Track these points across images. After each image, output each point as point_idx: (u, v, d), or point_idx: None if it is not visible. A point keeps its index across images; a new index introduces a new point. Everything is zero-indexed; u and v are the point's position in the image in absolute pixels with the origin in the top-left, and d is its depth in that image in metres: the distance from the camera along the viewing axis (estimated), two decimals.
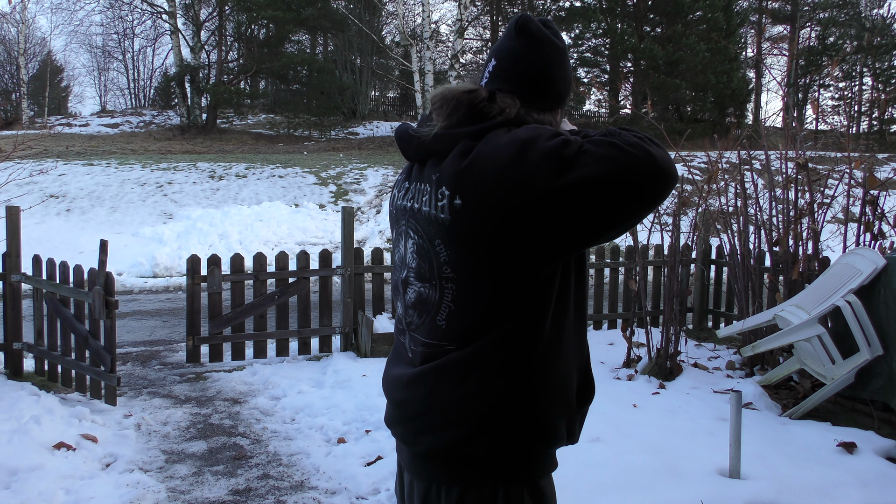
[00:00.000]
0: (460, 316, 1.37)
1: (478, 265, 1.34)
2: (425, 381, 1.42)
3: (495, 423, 1.36)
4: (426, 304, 1.42)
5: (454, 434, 1.37)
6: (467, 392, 1.36)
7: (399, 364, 1.54)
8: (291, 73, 27.96)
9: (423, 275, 1.43)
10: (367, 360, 5.79)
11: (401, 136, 1.52)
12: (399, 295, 1.52)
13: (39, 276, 5.33)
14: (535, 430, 1.38)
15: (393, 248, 1.58)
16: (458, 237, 1.35)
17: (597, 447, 3.68)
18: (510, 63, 1.45)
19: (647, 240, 5.91)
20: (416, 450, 1.44)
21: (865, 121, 29.82)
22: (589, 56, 29.08)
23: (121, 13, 34.20)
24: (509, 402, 1.36)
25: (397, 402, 1.49)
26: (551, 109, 1.48)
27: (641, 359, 5.44)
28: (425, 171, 1.45)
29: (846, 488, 3.28)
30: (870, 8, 32.89)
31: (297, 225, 13.63)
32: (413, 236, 1.46)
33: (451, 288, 1.37)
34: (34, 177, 13.40)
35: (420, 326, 1.44)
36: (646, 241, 5.99)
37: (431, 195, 1.40)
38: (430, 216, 1.40)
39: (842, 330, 4.40)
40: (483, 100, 1.41)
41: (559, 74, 1.47)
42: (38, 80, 33.93)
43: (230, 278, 5.93)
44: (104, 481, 3.61)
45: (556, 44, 1.46)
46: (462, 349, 1.37)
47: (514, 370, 1.36)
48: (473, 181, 1.32)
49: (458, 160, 1.35)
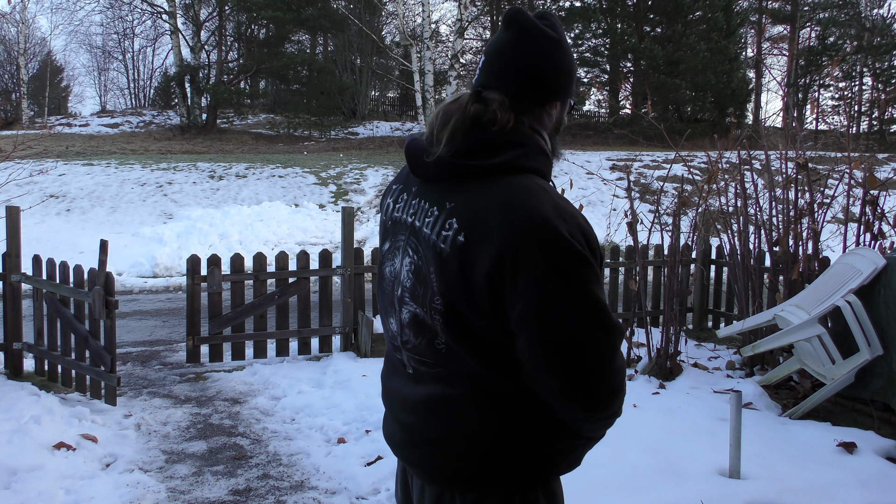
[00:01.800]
0: (455, 343, 1.35)
1: (462, 305, 1.32)
2: (436, 408, 1.39)
3: (511, 442, 1.36)
4: (423, 326, 1.39)
5: (468, 460, 1.37)
6: (482, 419, 1.35)
7: (398, 377, 1.51)
8: (291, 73, 27.94)
9: (417, 297, 1.39)
10: (367, 360, 5.79)
11: (412, 153, 1.44)
12: (393, 312, 1.46)
13: (39, 276, 5.33)
14: (551, 442, 1.38)
15: (384, 259, 1.52)
16: (448, 272, 1.33)
17: (597, 447, 3.66)
18: (497, 57, 1.43)
19: (647, 240, 5.91)
20: (427, 472, 1.42)
21: (865, 121, 29.83)
22: (589, 56, 29.07)
23: (121, 13, 34.20)
24: (523, 426, 1.36)
25: (405, 426, 1.46)
26: (546, 103, 1.44)
27: (641, 359, 5.43)
28: (434, 192, 1.40)
29: (846, 488, 3.28)
30: (870, 8, 32.90)
31: (297, 225, 13.63)
32: (411, 255, 1.42)
33: (439, 320, 1.35)
34: (34, 177, 13.39)
35: (417, 347, 1.41)
36: (646, 241, 5.98)
37: (438, 221, 1.36)
38: (430, 241, 1.37)
39: (842, 330, 4.40)
40: (474, 115, 1.37)
41: (554, 66, 1.42)
42: (38, 80, 33.92)
43: (230, 278, 5.93)
44: (104, 481, 3.61)
45: (548, 34, 1.41)
46: (467, 373, 1.36)
47: (521, 397, 1.35)
48: (484, 228, 1.29)
49: (475, 199, 1.33)
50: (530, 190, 1.31)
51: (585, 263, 1.26)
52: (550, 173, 1.44)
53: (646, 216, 8.63)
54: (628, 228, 5.47)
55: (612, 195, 14.00)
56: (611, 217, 10.20)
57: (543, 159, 1.41)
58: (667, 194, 12.83)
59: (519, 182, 1.32)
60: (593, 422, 1.35)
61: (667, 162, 17.70)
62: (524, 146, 1.37)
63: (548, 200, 1.30)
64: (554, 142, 1.48)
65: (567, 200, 1.35)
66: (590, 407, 1.30)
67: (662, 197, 9.31)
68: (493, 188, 1.32)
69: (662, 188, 7.05)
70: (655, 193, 13.36)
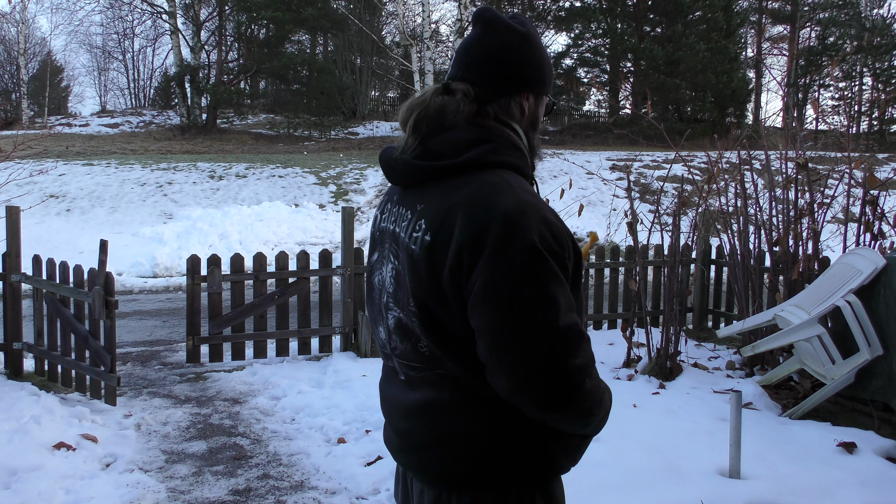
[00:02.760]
0: (435, 346, 1.35)
1: (434, 304, 1.33)
2: (428, 412, 1.40)
3: (506, 442, 1.36)
4: (406, 330, 1.40)
5: (463, 462, 1.37)
6: (475, 420, 1.36)
7: (393, 384, 1.52)
8: (291, 73, 27.93)
9: (399, 301, 1.41)
10: (367, 360, 5.79)
11: (385, 161, 1.46)
12: (382, 320, 1.47)
13: (39, 276, 5.33)
14: (546, 443, 1.38)
15: (373, 271, 1.53)
16: (419, 273, 1.33)
17: (597, 447, 3.67)
18: (463, 51, 1.46)
19: (647, 240, 5.91)
20: (425, 476, 1.43)
21: (865, 121, 29.83)
22: (589, 56, 29.09)
23: (121, 13, 34.20)
24: (515, 427, 1.36)
25: (401, 431, 1.47)
26: (512, 92, 1.43)
27: (641, 359, 5.43)
28: (410, 197, 1.42)
29: (846, 488, 3.28)
30: (870, 8, 32.90)
31: (297, 225, 13.63)
32: (393, 261, 1.43)
33: (417, 322, 1.36)
34: (34, 177, 13.39)
35: (404, 352, 1.42)
36: (646, 241, 5.98)
37: (410, 223, 1.38)
38: (405, 244, 1.38)
39: (842, 330, 4.40)
40: (438, 106, 1.38)
41: (520, 56, 1.43)
42: (38, 80, 33.91)
43: (230, 278, 5.93)
44: (104, 481, 3.61)
45: (514, 28, 1.44)
46: (455, 376, 1.36)
47: (505, 401, 1.34)
48: (446, 224, 1.30)
49: (442, 198, 1.34)
50: (493, 185, 1.31)
51: (541, 258, 1.24)
52: (527, 167, 1.43)
53: (646, 216, 8.62)
54: (628, 228, 5.47)
55: (612, 195, 13.99)
56: (611, 217, 10.20)
57: (516, 153, 1.40)
58: (667, 194, 12.83)
59: (485, 178, 1.32)
60: (570, 422, 1.32)
61: (667, 162, 17.70)
62: (492, 142, 1.37)
63: (511, 195, 1.29)
64: (530, 137, 1.47)
65: (534, 194, 1.34)
66: (547, 406, 1.27)
67: (662, 197, 9.30)
68: (459, 186, 1.33)
69: (662, 188, 7.05)
70: (655, 193, 13.36)
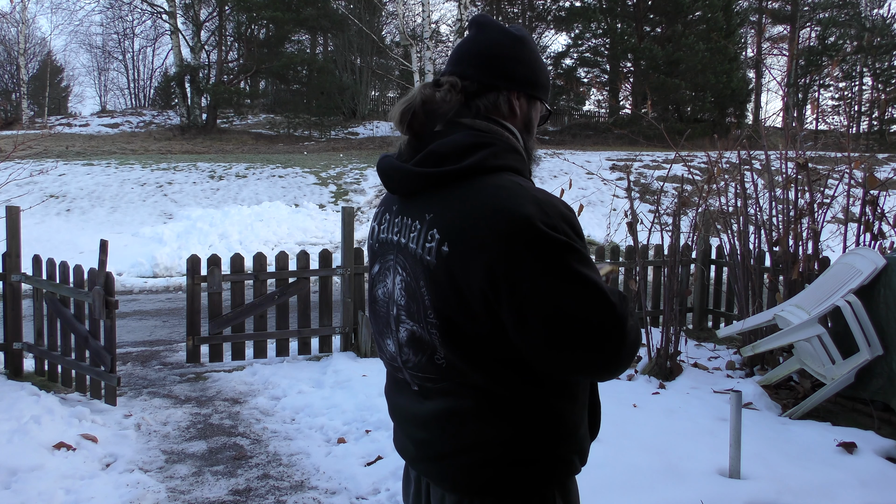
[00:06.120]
0: (455, 356, 1.35)
1: (457, 315, 1.32)
2: (449, 421, 1.39)
3: (527, 446, 1.36)
4: (421, 342, 1.38)
5: (485, 468, 1.37)
6: (496, 427, 1.35)
7: (403, 394, 1.50)
8: (291, 73, 27.94)
9: (412, 314, 1.39)
10: (367, 360, 5.79)
11: (383, 170, 1.44)
12: (390, 333, 1.46)
13: (39, 276, 5.33)
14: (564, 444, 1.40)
15: (375, 282, 1.51)
16: (439, 284, 1.32)
17: (597, 447, 3.67)
18: (456, 50, 1.50)
19: (647, 240, 5.91)
20: (447, 483, 1.42)
21: (865, 121, 29.84)
22: (589, 56, 29.10)
23: (121, 13, 34.22)
24: (535, 431, 1.36)
25: (417, 441, 1.45)
26: (500, 88, 1.44)
27: (641, 359, 5.43)
28: (414, 206, 1.40)
29: (846, 488, 3.28)
30: (870, 8, 32.92)
31: (297, 225, 13.63)
32: (401, 272, 1.42)
33: (436, 334, 1.35)
34: (34, 177, 13.40)
35: (418, 364, 1.41)
36: (646, 241, 5.98)
37: (420, 233, 1.36)
38: (416, 255, 1.37)
39: (842, 330, 4.40)
40: (424, 98, 1.41)
41: (511, 55, 1.45)
42: (38, 80, 33.93)
43: (230, 278, 5.93)
44: (104, 481, 3.61)
45: (506, 30, 1.47)
46: (476, 384, 1.35)
47: (528, 402, 1.36)
48: (467, 235, 1.29)
49: (454, 206, 1.33)
50: (506, 189, 1.30)
51: (572, 250, 1.27)
52: (526, 171, 1.43)
53: (646, 216, 8.62)
54: (628, 228, 5.47)
55: (612, 195, 14.00)
56: (611, 217, 10.19)
57: (515, 156, 1.40)
58: (667, 194, 12.83)
59: (494, 182, 1.32)
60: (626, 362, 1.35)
61: (667, 162, 17.70)
62: (493, 145, 1.37)
63: (527, 197, 1.29)
64: (525, 139, 1.48)
65: (544, 191, 1.35)
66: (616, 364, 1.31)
67: (662, 197, 9.31)
68: (469, 192, 1.32)
69: (662, 188, 7.05)
70: (655, 193, 13.36)
